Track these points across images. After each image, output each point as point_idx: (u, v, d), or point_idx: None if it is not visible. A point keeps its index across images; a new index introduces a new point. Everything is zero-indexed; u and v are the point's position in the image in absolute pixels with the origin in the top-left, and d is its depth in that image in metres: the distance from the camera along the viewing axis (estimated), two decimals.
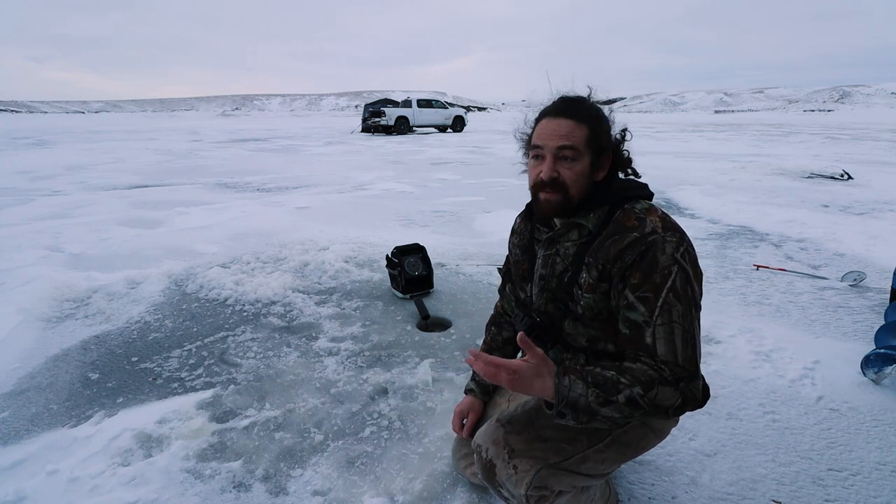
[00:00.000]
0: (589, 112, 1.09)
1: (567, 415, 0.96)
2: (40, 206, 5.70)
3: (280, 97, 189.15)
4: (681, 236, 1.05)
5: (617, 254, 1.03)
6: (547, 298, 1.18)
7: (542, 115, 1.12)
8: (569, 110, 1.08)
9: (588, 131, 1.07)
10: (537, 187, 1.10)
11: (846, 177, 7.18)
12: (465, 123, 22.52)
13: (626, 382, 0.96)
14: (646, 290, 1.00)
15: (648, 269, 1.00)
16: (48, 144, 15.00)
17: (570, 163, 1.07)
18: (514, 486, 1.08)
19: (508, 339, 1.41)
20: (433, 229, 4.62)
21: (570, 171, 1.07)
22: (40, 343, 2.34)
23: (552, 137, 1.07)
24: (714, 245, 3.97)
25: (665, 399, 0.96)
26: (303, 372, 2.07)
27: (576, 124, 1.06)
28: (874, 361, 1.99)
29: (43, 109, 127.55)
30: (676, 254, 1.01)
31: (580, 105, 1.10)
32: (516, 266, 1.31)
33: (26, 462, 1.56)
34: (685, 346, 0.99)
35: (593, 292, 1.08)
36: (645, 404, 0.95)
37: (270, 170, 9.07)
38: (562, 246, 1.14)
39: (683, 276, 1.01)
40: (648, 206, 1.09)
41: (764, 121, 38.63)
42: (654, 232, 1.02)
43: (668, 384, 0.97)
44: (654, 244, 1.01)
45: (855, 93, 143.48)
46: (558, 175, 1.07)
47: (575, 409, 0.95)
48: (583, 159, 1.07)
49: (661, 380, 0.97)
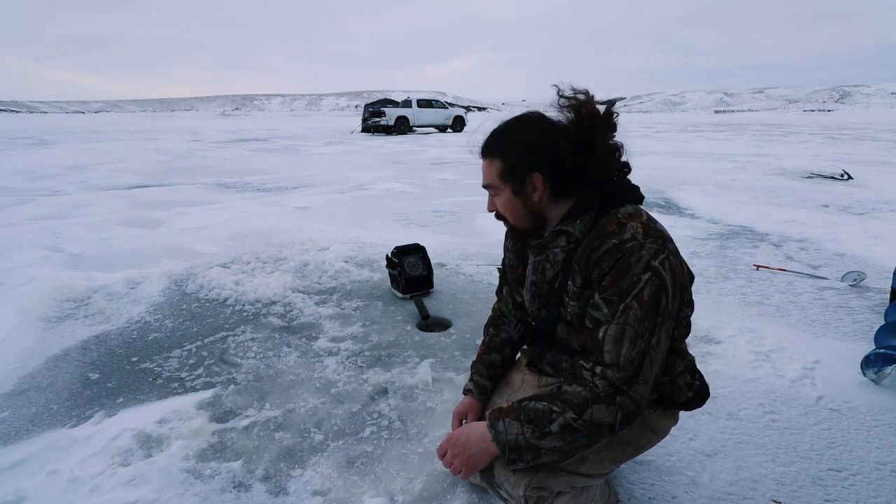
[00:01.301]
0: (497, 147, 1.13)
1: (516, 460, 1.02)
2: (40, 206, 5.70)
3: (280, 97, 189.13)
4: (662, 243, 1.02)
5: (596, 261, 1.03)
6: (539, 304, 1.19)
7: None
8: (484, 150, 1.15)
9: (500, 165, 1.12)
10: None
11: (846, 177, 7.18)
12: (465, 123, 22.53)
13: (558, 410, 0.99)
14: (612, 293, 1.00)
15: (618, 275, 0.99)
16: (48, 144, 15.00)
17: (497, 197, 1.15)
18: (513, 486, 1.08)
19: (507, 340, 1.41)
20: (433, 229, 4.62)
21: (499, 202, 1.16)
22: (40, 343, 2.34)
23: (482, 178, 1.17)
24: (714, 245, 3.97)
25: (602, 417, 0.97)
26: (303, 372, 2.07)
27: (488, 162, 1.14)
28: (874, 361, 1.99)
29: (43, 109, 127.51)
30: (654, 261, 0.99)
31: (491, 142, 1.15)
32: (511, 270, 1.32)
33: (26, 462, 1.56)
34: (631, 349, 0.98)
35: (578, 300, 1.08)
36: (581, 426, 0.97)
37: (270, 170, 9.07)
38: (551, 252, 1.15)
39: (656, 285, 0.98)
40: (633, 211, 1.07)
41: (764, 121, 38.64)
42: (634, 238, 1.00)
43: (602, 401, 0.97)
44: (630, 251, 0.99)
45: (855, 93, 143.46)
46: (496, 209, 1.18)
47: (518, 450, 1.01)
48: (503, 191, 1.13)
49: (595, 398, 0.97)
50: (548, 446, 0.99)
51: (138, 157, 11.18)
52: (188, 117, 60.60)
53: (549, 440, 0.98)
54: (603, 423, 0.97)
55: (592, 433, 0.98)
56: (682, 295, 1.07)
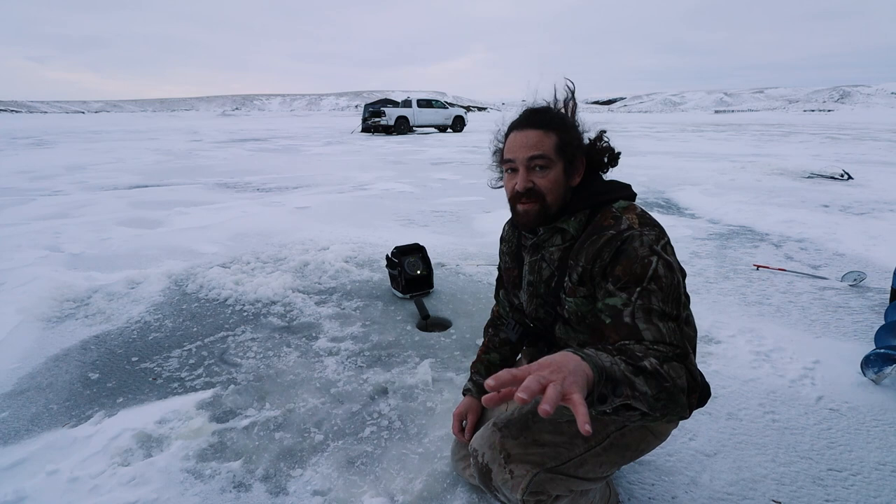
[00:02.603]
0: (555, 120, 1.09)
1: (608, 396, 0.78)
2: (40, 206, 5.70)
3: (280, 97, 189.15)
4: (659, 231, 1.03)
5: (595, 253, 1.03)
6: (537, 304, 1.19)
7: (511, 129, 1.13)
8: (535, 120, 1.09)
9: (556, 138, 1.07)
10: (514, 199, 1.12)
11: (846, 177, 7.18)
12: (464, 123, 22.52)
13: (641, 355, 0.86)
14: (627, 280, 0.98)
15: (628, 262, 0.98)
16: (48, 144, 15.00)
17: (543, 171, 1.08)
18: (511, 490, 1.07)
19: (506, 340, 1.42)
20: (433, 229, 4.61)
21: (543, 179, 1.08)
22: (40, 343, 2.34)
23: (522, 149, 1.07)
24: (714, 245, 3.97)
25: (678, 376, 0.86)
26: (303, 372, 2.07)
27: (543, 133, 1.07)
28: (874, 361, 1.99)
29: (43, 109, 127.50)
30: (656, 246, 1.00)
31: (546, 114, 1.10)
32: (507, 273, 1.32)
33: (26, 462, 1.56)
34: (667, 327, 0.92)
35: (574, 296, 1.08)
36: (665, 375, 0.84)
37: (270, 170, 9.07)
38: (546, 251, 1.15)
39: (665, 264, 0.98)
40: (626, 205, 1.08)
41: (764, 121, 38.62)
42: (630, 228, 1.02)
43: (669, 360, 0.87)
44: (630, 238, 1.00)
45: (855, 93, 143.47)
46: (533, 185, 1.08)
47: (613, 380, 0.79)
48: (555, 167, 1.08)
49: (664, 358, 0.87)
50: (641, 388, 0.81)
51: (138, 157, 11.18)
52: (188, 117, 60.58)
53: (642, 380, 0.81)
54: (678, 385, 0.85)
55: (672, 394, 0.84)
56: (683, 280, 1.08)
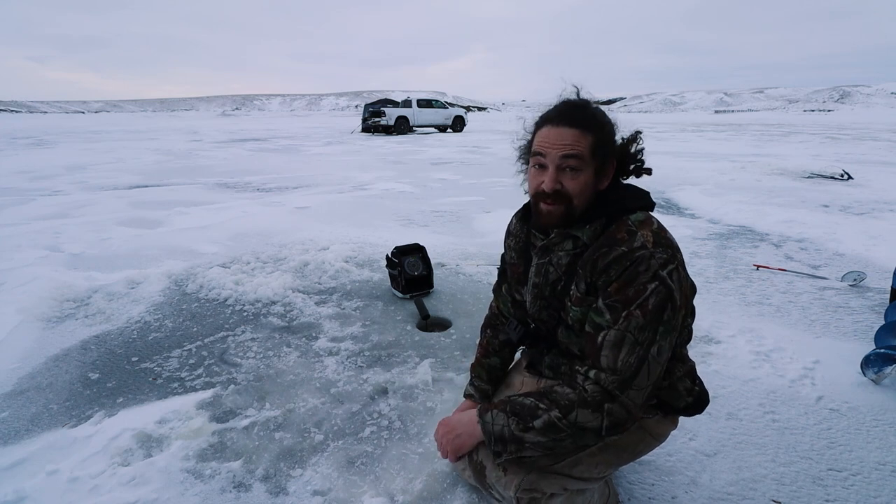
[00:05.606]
0: (594, 119, 1.03)
1: (499, 450, 1.03)
2: (40, 206, 5.70)
3: (280, 97, 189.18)
4: (672, 254, 1.00)
5: (603, 268, 1.00)
6: (540, 306, 1.17)
7: (544, 122, 1.06)
8: (573, 117, 1.02)
9: (593, 139, 1.01)
10: (539, 197, 1.06)
11: (846, 177, 7.18)
12: (464, 123, 22.53)
13: (544, 407, 0.99)
14: (616, 300, 0.98)
15: (625, 283, 0.97)
16: (48, 144, 14.99)
17: (574, 173, 1.02)
18: (504, 487, 1.08)
19: (506, 342, 1.39)
20: (433, 229, 4.61)
21: (573, 181, 1.02)
22: (40, 343, 2.34)
23: (555, 146, 1.01)
24: (714, 245, 3.97)
25: (587, 421, 0.97)
26: (303, 372, 2.07)
27: (580, 133, 1.01)
28: (874, 361, 1.99)
29: (43, 109, 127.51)
30: (662, 271, 0.97)
31: (585, 111, 1.04)
32: (512, 268, 1.29)
33: (26, 462, 1.56)
34: (629, 355, 0.96)
35: (581, 305, 1.06)
36: (565, 427, 0.97)
37: (270, 170, 9.07)
38: (555, 255, 1.11)
39: (662, 295, 0.96)
40: (643, 218, 1.04)
41: (764, 121, 38.63)
42: (643, 247, 0.98)
43: (588, 406, 0.97)
44: (639, 260, 0.97)
45: (855, 93, 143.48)
46: (562, 186, 1.02)
47: (502, 440, 1.02)
48: (587, 169, 1.02)
49: (581, 402, 0.97)
50: (531, 440, 0.99)
51: (138, 157, 11.18)
52: (188, 117, 60.60)
53: (533, 434, 0.99)
54: (587, 427, 0.97)
55: (577, 435, 0.98)
56: (686, 306, 1.05)
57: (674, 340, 1.02)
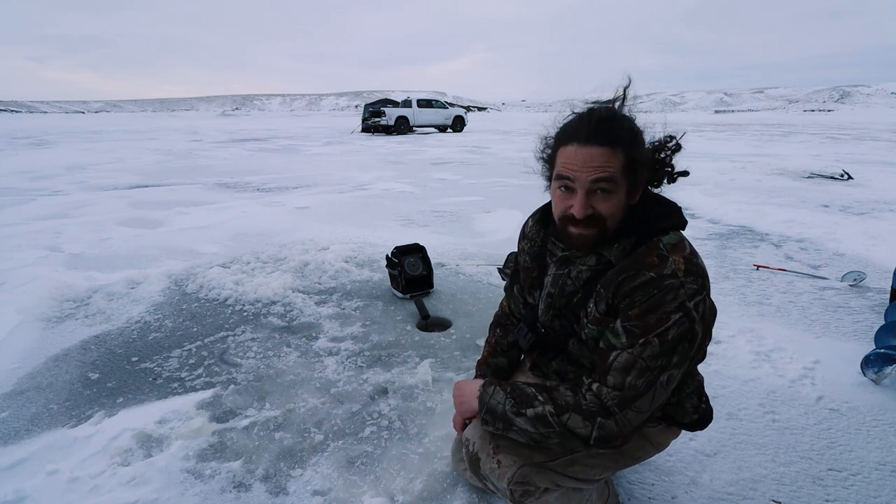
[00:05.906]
0: (623, 133, 0.95)
1: (488, 421, 1.05)
2: (40, 206, 5.70)
3: (280, 97, 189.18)
4: (702, 283, 0.96)
5: (628, 292, 0.95)
6: (553, 315, 1.15)
7: (569, 139, 0.97)
8: (601, 135, 0.93)
9: (624, 157, 0.94)
10: (567, 220, 1.00)
11: (846, 177, 7.18)
12: (464, 123, 22.52)
13: (541, 400, 1.00)
14: (636, 324, 0.94)
15: (648, 310, 0.93)
16: (48, 144, 14.99)
17: (606, 195, 0.95)
18: (497, 479, 1.08)
19: (515, 343, 1.36)
20: (433, 229, 4.61)
21: (606, 203, 0.96)
22: (40, 343, 2.34)
23: (584, 169, 0.93)
24: (714, 245, 3.97)
25: (576, 427, 0.97)
26: (303, 372, 2.07)
27: (610, 152, 0.93)
28: (874, 361, 1.99)
29: (43, 109, 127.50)
30: (689, 302, 0.93)
31: (612, 124, 0.95)
32: (525, 272, 1.25)
33: (26, 462, 1.56)
34: (637, 378, 0.94)
35: (598, 325, 1.03)
36: (554, 424, 0.97)
37: (270, 170, 9.07)
38: (575, 268, 1.08)
39: (684, 328, 0.93)
40: (676, 242, 0.98)
41: (764, 121, 38.61)
42: (674, 275, 0.93)
43: (581, 413, 0.96)
44: (668, 288, 0.92)
45: (855, 93, 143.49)
46: (593, 210, 0.96)
47: (493, 414, 1.04)
48: (619, 190, 0.96)
49: (576, 407, 0.97)
50: (519, 425, 1.00)
51: (138, 157, 11.17)
52: (188, 117, 60.58)
53: (522, 421, 1.00)
54: (576, 433, 0.97)
55: (565, 436, 0.98)
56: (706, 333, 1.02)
57: (686, 369, 1.00)
